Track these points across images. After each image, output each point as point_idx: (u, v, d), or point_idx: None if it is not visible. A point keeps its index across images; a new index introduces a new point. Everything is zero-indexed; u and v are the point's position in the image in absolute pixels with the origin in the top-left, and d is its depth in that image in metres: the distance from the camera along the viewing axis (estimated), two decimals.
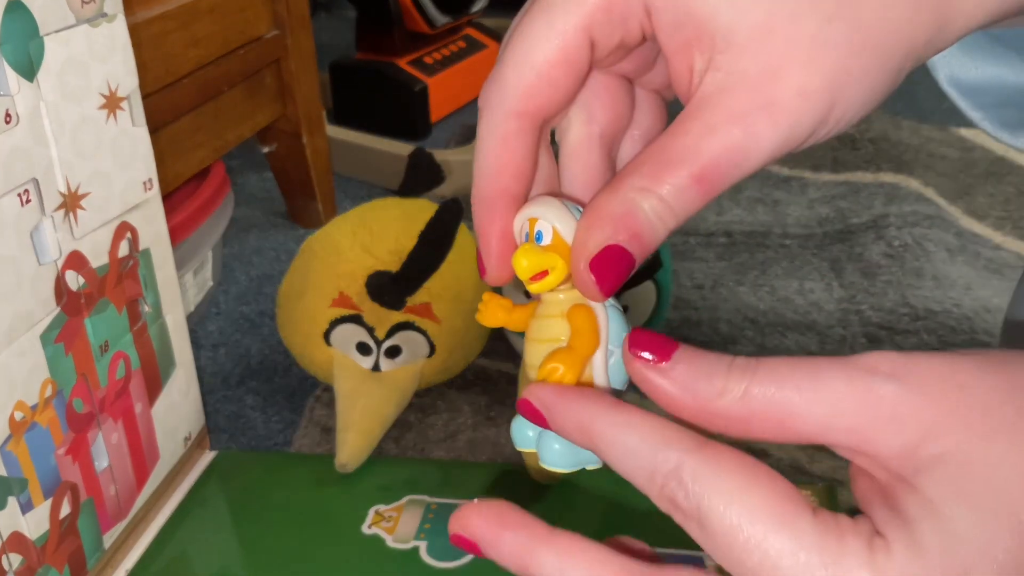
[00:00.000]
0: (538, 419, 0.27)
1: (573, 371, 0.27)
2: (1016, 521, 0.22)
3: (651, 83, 0.32)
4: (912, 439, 0.23)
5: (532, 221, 0.28)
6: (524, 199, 0.29)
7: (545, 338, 0.28)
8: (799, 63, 0.25)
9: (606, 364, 0.27)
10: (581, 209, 0.28)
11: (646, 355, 0.25)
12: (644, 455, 0.25)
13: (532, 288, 0.27)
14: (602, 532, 0.57)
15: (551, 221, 0.27)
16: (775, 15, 0.25)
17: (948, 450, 0.22)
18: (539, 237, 0.27)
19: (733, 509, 0.23)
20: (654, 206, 0.25)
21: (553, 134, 0.32)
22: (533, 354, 0.28)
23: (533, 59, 0.28)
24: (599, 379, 0.27)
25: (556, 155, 0.32)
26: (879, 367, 0.23)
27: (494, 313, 0.29)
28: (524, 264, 0.27)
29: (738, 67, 0.26)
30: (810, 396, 0.24)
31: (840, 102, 0.26)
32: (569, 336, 0.27)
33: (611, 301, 0.28)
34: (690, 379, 0.25)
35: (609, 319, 0.28)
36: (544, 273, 0.27)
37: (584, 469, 0.28)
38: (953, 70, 0.36)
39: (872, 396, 0.23)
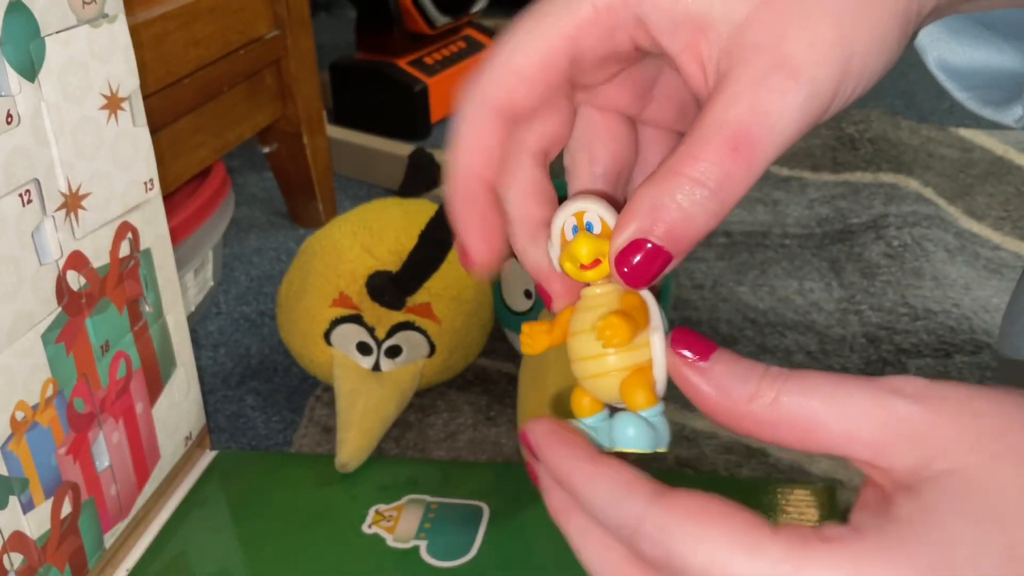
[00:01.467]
0: (532, 453, 0.28)
1: (627, 329, 0.27)
2: (1009, 539, 0.22)
3: (657, 118, 0.32)
4: (925, 456, 0.23)
5: (579, 215, 0.28)
6: (493, 188, 0.30)
7: (588, 328, 0.28)
8: (804, 19, 0.25)
9: (663, 343, 0.27)
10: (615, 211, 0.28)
11: (687, 353, 0.26)
12: (611, 511, 0.26)
13: (586, 276, 0.28)
14: None
15: (599, 212, 0.28)
16: None
17: (956, 467, 0.23)
18: (589, 227, 0.28)
19: (701, 549, 0.24)
20: (689, 193, 0.25)
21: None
22: (577, 346, 0.29)
23: (513, 58, 0.28)
24: (658, 357, 0.28)
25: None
26: (903, 389, 0.24)
27: (540, 340, 0.30)
28: (584, 251, 0.27)
29: (747, 41, 0.25)
30: (836, 410, 0.24)
31: (857, 51, 0.25)
32: None
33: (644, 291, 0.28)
34: (726, 380, 0.25)
35: (656, 305, 0.28)
36: (597, 261, 0.28)
37: (658, 452, 0.29)
38: (941, 53, 0.36)
39: (893, 415, 0.24)
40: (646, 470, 0.26)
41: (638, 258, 0.26)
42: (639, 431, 0.29)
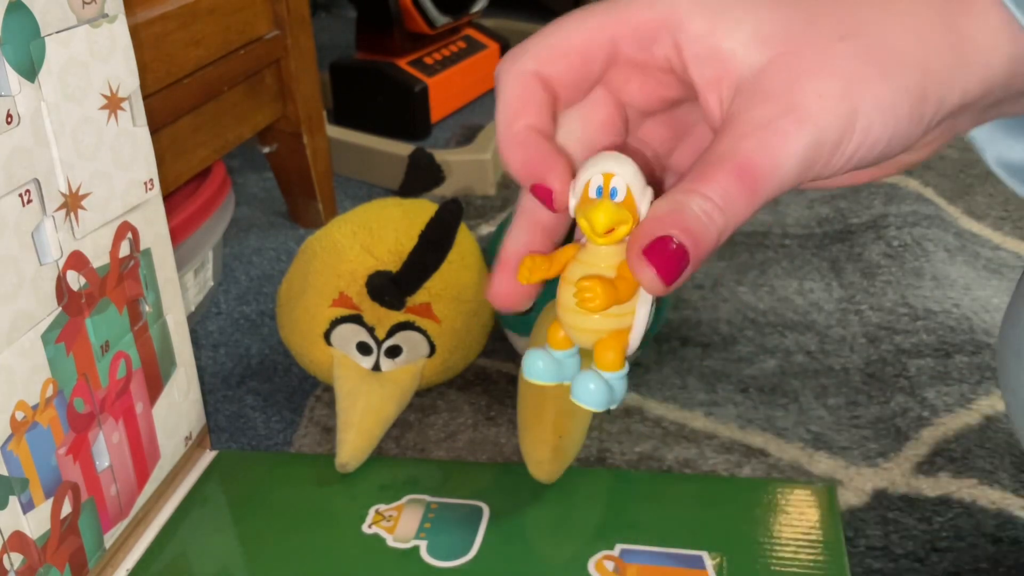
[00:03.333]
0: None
1: (606, 300, 0.29)
2: None
3: (679, 165, 0.35)
4: None
5: (607, 176, 0.29)
6: (549, 137, 0.31)
7: (596, 275, 0.30)
8: (816, 72, 0.27)
9: (648, 315, 0.30)
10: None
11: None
12: None
13: (602, 241, 0.29)
14: (602, 532, 0.57)
15: (627, 179, 0.29)
16: (790, 40, 0.28)
17: None
18: (613, 193, 0.29)
19: None
20: (701, 204, 0.27)
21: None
22: (567, 294, 0.30)
23: (555, 39, 0.31)
24: (639, 326, 0.30)
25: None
26: None
27: (537, 272, 0.31)
28: (602, 219, 0.29)
29: (761, 86, 0.28)
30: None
31: (860, 111, 0.27)
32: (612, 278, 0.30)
33: None
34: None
35: None
36: (611, 230, 0.29)
37: (610, 410, 0.32)
38: (1000, 151, 0.38)
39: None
40: (643, 469, 0.26)
41: (663, 255, 0.27)
42: (598, 390, 0.31)
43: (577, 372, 0.32)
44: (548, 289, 0.33)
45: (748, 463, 0.61)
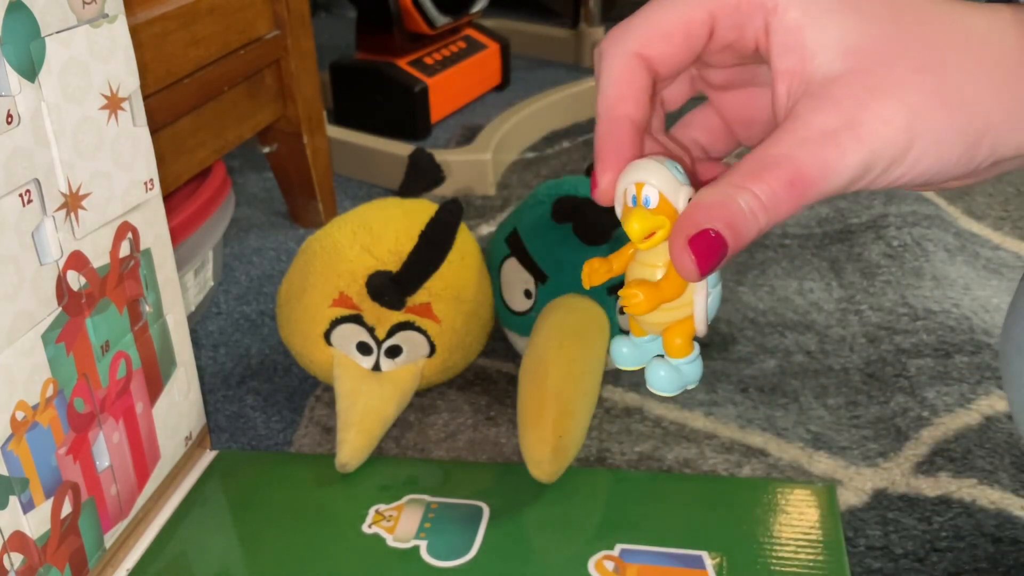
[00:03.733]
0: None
1: (649, 303, 0.31)
2: None
3: (728, 107, 0.37)
4: None
5: (639, 186, 0.31)
6: (643, 128, 0.33)
7: (642, 280, 0.33)
8: (886, 98, 0.29)
9: (706, 302, 0.32)
10: (680, 167, 0.31)
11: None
12: None
13: (642, 246, 0.32)
14: (602, 532, 0.57)
15: (657, 186, 0.31)
16: (870, 58, 0.29)
17: None
18: (647, 202, 0.31)
19: None
20: (748, 201, 0.29)
21: None
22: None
23: (658, 19, 0.32)
24: (699, 314, 0.33)
25: None
26: None
27: (599, 275, 0.34)
28: (636, 227, 0.31)
29: (831, 94, 0.29)
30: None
31: (917, 143, 0.29)
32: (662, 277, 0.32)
33: None
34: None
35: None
36: (652, 233, 0.31)
37: (686, 390, 0.34)
38: None
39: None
40: (643, 469, 0.26)
41: (704, 246, 0.29)
42: (668, 376, 0.33)
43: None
44: (549, 289, 0.34)
45: (748, 463, 0.61)
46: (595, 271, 0.34)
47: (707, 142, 0.38)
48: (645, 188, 0.31)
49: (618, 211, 0.32)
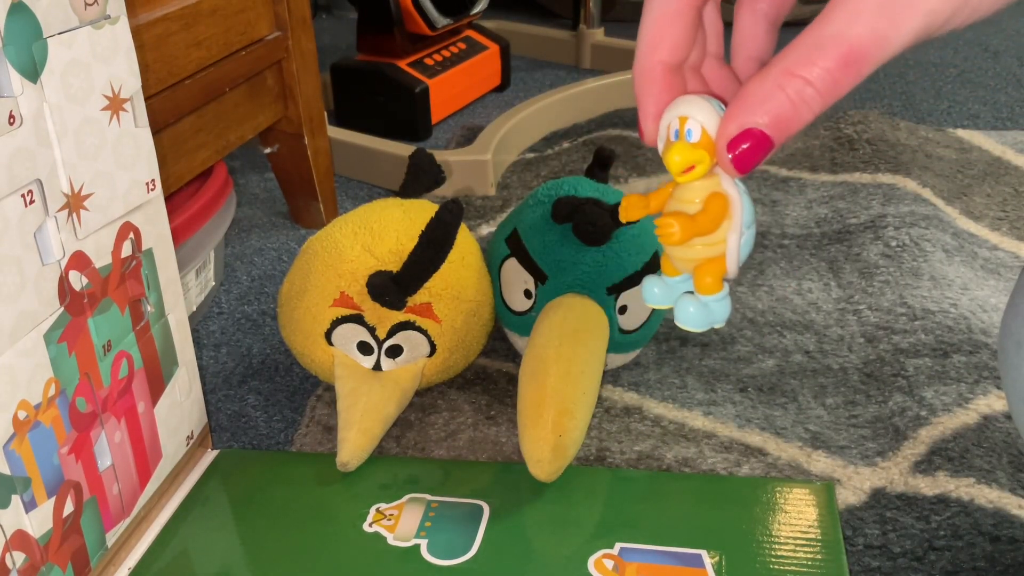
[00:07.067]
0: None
1: (684, 234, 0.32)
2: None
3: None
4: None
5: (682, 120, 0.32)
6: (679, 71, 0.33)
7: (679, 211, 0.33)
8: None
9: (739, 242, 0.33)
10: (723, 105, 0.32)
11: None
12: None
13: (681, 179, 0.32)
14: (601, 531, 0.58)
15: (700, 120, 0.31)
16: None
17: None
18: (688, 135, 0.31)
19: None
20: (800, 90, 0.28)
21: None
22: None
23: None
24: (731, 253, 0.33)
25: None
26: None
27: (636, 210, 0.34)
28: (677, 159, 0.31)
29: None
30: None
31: None
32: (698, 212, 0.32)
33: (744, 188, 0.33)
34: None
35: (743, 206, 0.33)
36: (692, 167, 0.32)
37: (713, 328, 0.35)
38: None
39: None
40: (642, 468, 0.26)
41: (746, 145, 0.29)
42: (697, 312, 0.34)
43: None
44: (549, 289, 0.34)
45: (747, 462, 0.61)
46: (632, 205, 0.34)
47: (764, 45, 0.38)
48: (688, 122, 0.31)
49: (660, 148, 0.33)
